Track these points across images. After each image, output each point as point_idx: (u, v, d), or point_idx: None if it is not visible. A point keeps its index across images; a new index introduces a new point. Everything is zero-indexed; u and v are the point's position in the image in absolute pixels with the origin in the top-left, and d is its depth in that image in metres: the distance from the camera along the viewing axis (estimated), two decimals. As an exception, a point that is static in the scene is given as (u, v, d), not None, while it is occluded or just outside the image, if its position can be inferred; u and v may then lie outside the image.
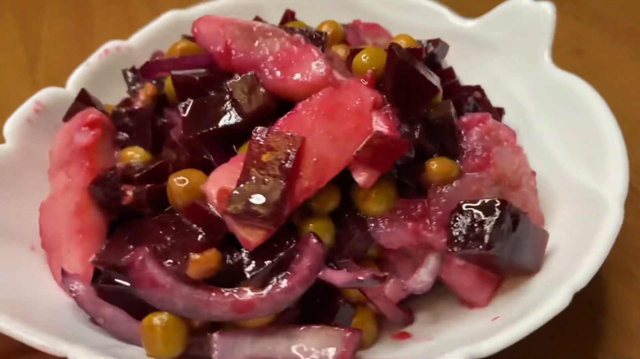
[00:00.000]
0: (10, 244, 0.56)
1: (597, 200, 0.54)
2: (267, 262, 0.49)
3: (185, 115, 0.55)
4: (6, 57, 0.91)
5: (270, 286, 0.48)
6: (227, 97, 0.54)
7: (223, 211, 0.48)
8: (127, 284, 0.51)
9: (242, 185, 0.48)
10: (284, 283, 0.48)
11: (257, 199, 0.47)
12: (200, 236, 0.49)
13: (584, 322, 0.55)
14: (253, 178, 0.48)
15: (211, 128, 0.54)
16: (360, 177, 0.50)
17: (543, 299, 0.46)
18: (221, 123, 0.54)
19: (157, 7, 0.96)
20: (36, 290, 0.53)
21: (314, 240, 0.48)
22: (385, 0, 0.79)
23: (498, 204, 0.50)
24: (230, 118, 0.54)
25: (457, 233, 0.50)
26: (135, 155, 0.59)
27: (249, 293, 0.48)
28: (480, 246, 0.49)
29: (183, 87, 0.58)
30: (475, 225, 0.50)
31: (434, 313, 0.57)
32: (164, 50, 0.75)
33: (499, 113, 0.68)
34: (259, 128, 0.49)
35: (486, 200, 0.51)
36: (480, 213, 0.50)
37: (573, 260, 0.49)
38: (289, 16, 0.68)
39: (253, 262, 0.49)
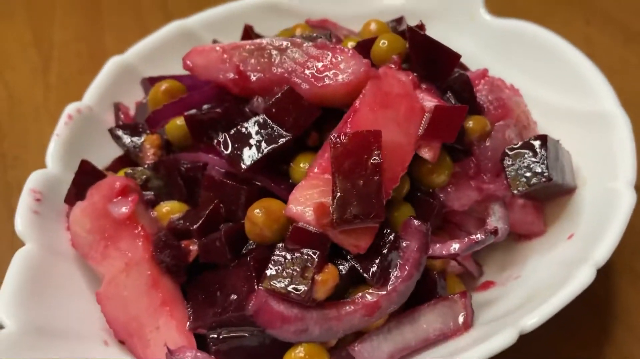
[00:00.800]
0: (80, 347, 0.49)
1: (598, 116, 0.61)
2: (379, 258, 0.49)
3: (228, 151, 0.53)
4: (19, 58, 0.91)
5: (390, 281, 0.49)
6: (263, 118, 0.53)
7: (324, 225, 0.48)
8: (243, 334, 0.48)
9: (338, 194, 0.48)
10: (398, 275, 0.50)
11: (358, 202, 0.47)
12: (316, 256, 0.47)
13: (589, 322, 0.56)
14: (347, 184, 0.48)
15: (263, 153, 0.52)
16: (427, 154, 0.52)
17: (610, 203, 0.53)
18: (271, 146, 0.53)
19: (168, 7, 0.97)
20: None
21: (416, 222, 0.50)
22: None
23: (538, 140, 0.56)
24: (278, 138, 0.53)
25: (517, 175, 0.55)
26: (172, 210, 0.55)
27: (374, 293, 0.49)
28: (543, 179, 0.54)
29: (201, 125, 0.56)
30: (530, 162, 0.55)
31: (496, 259, 0.61)
32: (123, 101, 0.70)
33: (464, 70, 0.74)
34: (335, 135, 0.49)
35: (529, 140, 0.56)
36: (528, 151, 0.56)
37: (607, 163, 0.56)
38: (249, 30, 0.68)
39: (366, 264, 0.49)
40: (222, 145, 0.53)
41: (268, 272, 0.47)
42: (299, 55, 0.54)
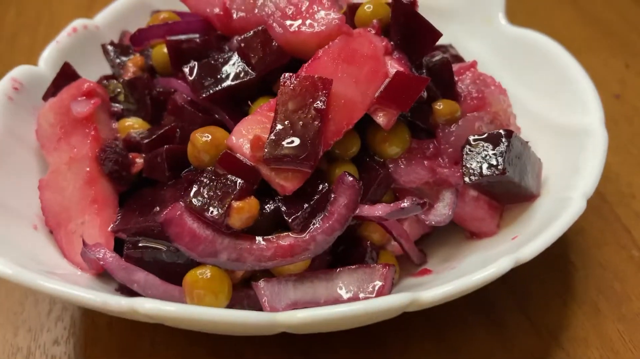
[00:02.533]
0: (12, 224, 0.52)
1: (578, 129, 0.60)
2: (305, 206, 0.49)
3: (193, 77, 0.54)
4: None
5: (310, 229, 0.49)
6: (234, 55, 0.54)
7: (257, 159, 0.49)
8: (158, 246, 0.49)
9: (276, 130, 0.48)
10: (323, 224, 0.49)
11: (293, 142, 0.48)
12: (239, 185, 0.48)
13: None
14: (287, 122, 0.48)
15: (223, 86, 0.54)
16: (381, 119, 0.52)
17: (560, 210, 0.51)
18: (233, 81, 0.54)
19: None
20: (46, 268, 0.50)
21: (349, 178, 0.50)
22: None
23: (505, 133, 0.55)
24: (242, 74, 0.54)
25: (472, 164, 0.54)
26: (134, 125, 0.57)
27: (290, 237, 0.49)
28: (496, 172, 0.53)
29: (179, 52, 0.57)
30: (488, 154, 0.54)
31: (444, 252, 0.60)
32: (130, 29, 0.73)
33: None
34: (286, 75, 0.50)
35: (494, 132, 0.55)
36: (489, 143, 0.54)
37: (573, 176, 0.55)
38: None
39: (291, 208, 0.49)
40: (188, 72, 0.55)
41: (191, 190, 0.48)
42: (282, 0, 0.55)
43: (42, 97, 0.60)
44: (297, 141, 0.48)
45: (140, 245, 0.50)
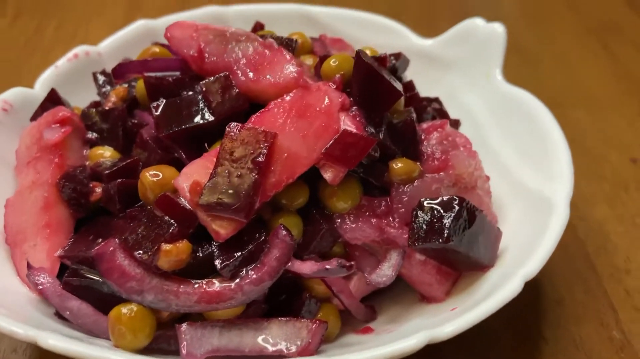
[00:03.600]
0: (-27, 239, 0.55)
1: (545, 200, 0.58)
2: (237, 254, 0.50)
3: (157, 113, 0.56)
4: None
5: (239, 278, 0.50)
6: (200, 97, 0.56)
7: (195, 204, 0.50)
8: (95, 278, 0.51)
9: (214, 178, 0.49)
10: (252, 274, 0.50)
11: (229, 191, 0.49)
12: (171, 228, 0.49)
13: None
14: (226, 171, 0.49)
15: (183, 127, 0.55)
16: (328, 174, 0.52)
17: (497, 288, 0.49)
18: (193, 122, 0.55)
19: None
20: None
21: (283, 232, 0.50)
22: (347, 18, 0.83)
23: (456, 201, 0.53)
24: (202, 117, 0.56)
25: (418, 228, 0.53)
26: (105, 153, 0.60)
27: (217, 284, 0.50)
28: (440, 240, 0.52)
29: (155, 88, 0.60)
30: (435, 220, 0.53)
31: (395, 311, 0.59)
32: (133, 57, 0.76)
33: (455, 124, 0.72)
34: (232, 124, 0.51)
35: (445, 198, 0.54)
36: (440, 209, 0.53)
37: (524, 254, 0.53)
38: (258, 27, 0.71)
39: (223, 254, 0.50)
40: (154, 109, 0.57)
41: (127, 228, 0.50)
42: (249, 48, 0.56)
43: (30, 119, 0.64)
44: (232, 190, 0.49)
45: (80, 273, 0.52)
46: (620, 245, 0.74)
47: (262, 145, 0.49)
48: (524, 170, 0.64)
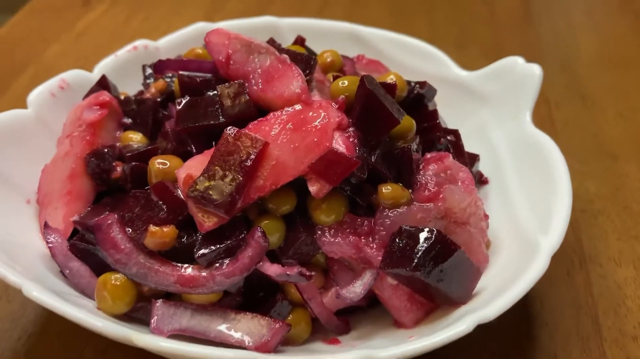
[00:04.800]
0: (9, 194, 0.64)
1: (533, 248, 0.57)
2: (216, 246, 0.54)
3: (179, 108, 0.62)
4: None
5: (213, 268, 0.54)
6: (213, 97, 0.61)
7: (186, 194, 0.55)
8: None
9: (205, 174, 0.54)
10: (226, 267, 0.54)
11: (215, 188, 0.53)
12: (161, 213, 0.55)
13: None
14: (217, 169, 0.54)
15: (197, 124, 0.61)
16: (313, 187, 0.55)
17: (450, 324, 0.50)
18: (206, 121, 0.61)
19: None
20: (21, 237, 0.61)
21: (258, 233, 0.54)
22: (392, 41, 0.86)
23: (433, 233, 0.55)
24: (214, 118, 0.61)
25: (391, 253, 0.55)
26: (134, 138, 0.67)
27: (193, 270, 0.54)
28: (407, 268, 0.53)
29: (185, 86, 0.66)
30: (408, 247, 0.54)
31: (368, 329, 0.61)
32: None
33: (473, 159, 0.73)
34: (230, 128, 0.55)
35: (425, 228, 0.55)
36: (415, 238, 0.54)
37: (490, 297, 0.53)
38: (299, 41, 0.76)
39: (204, 244, 0.55)
40: (178, 104, 0.63)
41: (126, 206, 0.56)
42: (266, 61, 0.61)
43: (82, 98, 0.72)
44: (218, 188, 0.53)
45: (86, 239, 0.59)
46: (634, 311, 0.70)
47: (251, 151, 0.54)
48: (526, 215, 0.64)
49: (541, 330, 0.66)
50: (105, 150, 0.64)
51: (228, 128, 0.55)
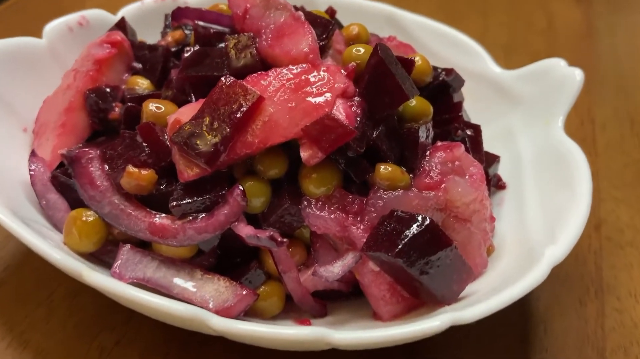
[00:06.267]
0: (8, 119, 0.63)
1: (534, 257, 0.52)
2: (192, 198, 0.51)
3: (186, 55, 0.59)
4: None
5: (186, 220, 0.51)
6: (220, 49, 0.58)
7: (171, 139, 0.52)
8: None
9: (193, 121, 0.51)
10: (199, 221, 0.51)
11: (200, 137, 0.50)
12: (142, 154, 0.52)
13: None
14: (206, 118, 0.51)
15: (200, 73, 0.58)
16: (305, 153, 0.51)
17: (422, 321, 0.45)
18: (210, 71, 0.58)
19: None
20: (8, 162, 0.59)
21: (238, 191, 0.50)
22: (429, 29, 0.81)
23: (426, 222, 0.50)
24: (219, 70, 0.58)
25: (376, 235, 0.50)
26: (141, 83, 0.65)
27: (164, 219, 0.51)
28: (390, 253, 0.49)
29: (200, 35, 0.63)
30: (395, 232, 0.50)
31: (344, 316, 0.57)
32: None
33: (492, 160, 0.67)
34: (226, 77, 0.52)
35: (417, 215, 0.50)
36: (404, 223, 0.50)
37: (476, 300, 0.48)
38: (329, 11, 0.72)
39: (181, 195, 0.52)
40: (186, 52, 0.60)
41: (110, 143, 0.54)
42: (281, 17, 0.57)
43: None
44: (203, 137, 0.50)
45: (68, 172, 0.57)
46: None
47: (244, 103, 0.50)
48: (537, 225, 0.58)
49: (539, 357, 0.60)
50: (108, 89, 0.63)
51: (225, 77, 0.52)
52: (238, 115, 0.50)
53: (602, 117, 0.98)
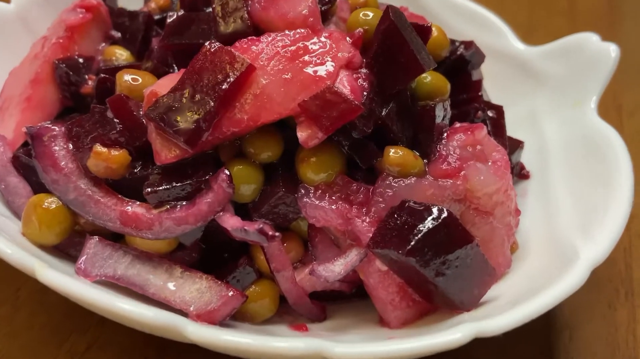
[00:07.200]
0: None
1: (569, 258, 0.44)
2: (170, 184, 0.44)
3: (169, 21, 0.52)
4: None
5: (163, 209, 0.44)
6: (207, 15, 0.51)
7: (146, 115, 0.45)
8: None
9: (171, 94, 0.44)
10: (178, 211, 0.44)
11: (180, 111, 0.43)
12: (113, 132, 0.45)
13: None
14: (186, 90, 0.44)
15: (184, 41, 0.51)
16: (302, 133, 0.44)
17: (440, 333, 0.38)
18: (194, 39, 0.50)
19: None
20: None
21: (224, 176, 0.43)
22: (449, 3, 0.73)
23: (443, 215, 0.43)
24: (206, 37, 0.50)
25: (385, 230, 0.43)
26: (119, 54, 0.57)
27: (137, 208, 0.44)
28: (400, 251, 0.41)
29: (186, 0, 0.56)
30: (406, 226, 0.42)
31: (346, 321, 0.50)
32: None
33: (515, 145, 0.60)
34: (211, 42, 0.45)
35: (433, 206, 0.43)
36: (418, 216, 0.43)
37: (501, 308, 0.40)
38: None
39: (157, 180, 0.45)
40: (169, 17, 0.53)
41: (77, 119, 0.47)
42: (278, -21, 0.50)
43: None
44: (183, 112, 0.43)
45: (31, 153, 0.50)
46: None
47: (231, 72, 0.43)
48: (569, 220, 0.51)
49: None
50: (81, 60, 0.55)
51: (210, 42, 0.45)
52: (224, 87, 0.43)
53: (629, 104, 0.91)
